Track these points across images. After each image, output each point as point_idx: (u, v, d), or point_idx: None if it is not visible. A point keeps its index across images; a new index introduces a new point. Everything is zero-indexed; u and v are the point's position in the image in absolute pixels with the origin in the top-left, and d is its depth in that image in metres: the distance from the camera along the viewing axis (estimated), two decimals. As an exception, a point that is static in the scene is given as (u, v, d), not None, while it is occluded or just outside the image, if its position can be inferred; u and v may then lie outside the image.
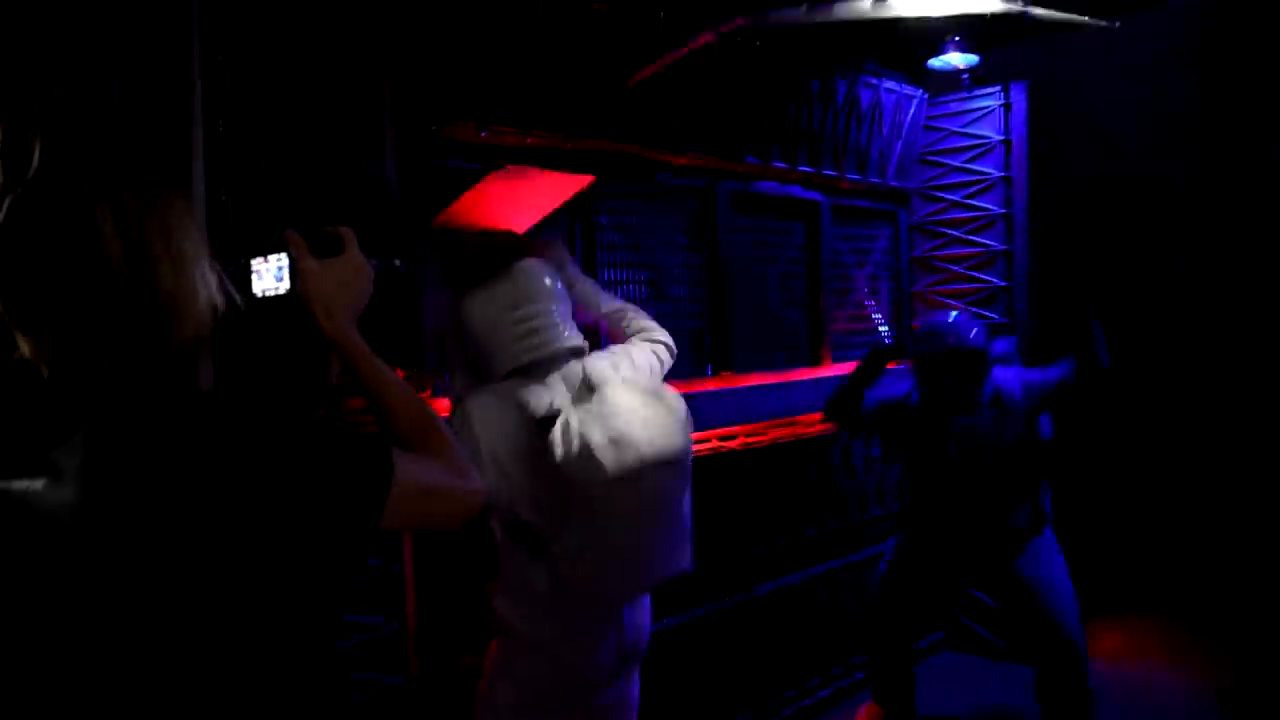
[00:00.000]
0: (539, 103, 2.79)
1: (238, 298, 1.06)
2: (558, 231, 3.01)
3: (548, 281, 2.18)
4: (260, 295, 1.22)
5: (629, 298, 3.22)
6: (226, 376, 1.78)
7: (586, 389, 2.04)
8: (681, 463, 2.02)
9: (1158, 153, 5.07)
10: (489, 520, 2.16)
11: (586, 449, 1.88)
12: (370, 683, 2.41)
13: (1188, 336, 5.05)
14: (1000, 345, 3.36)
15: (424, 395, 2.59)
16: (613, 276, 3.18)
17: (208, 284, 1.00)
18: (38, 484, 0.86)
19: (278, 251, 1.21)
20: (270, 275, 1.21)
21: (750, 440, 3.51)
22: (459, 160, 2.67)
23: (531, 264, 2.19)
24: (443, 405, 2.64)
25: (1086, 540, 3.42)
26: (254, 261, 1.23)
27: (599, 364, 2.13)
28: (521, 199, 2.46)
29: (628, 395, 1.98)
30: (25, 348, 0.90)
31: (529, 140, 2.79)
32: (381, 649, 2.44)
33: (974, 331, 3.07)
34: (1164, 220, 5.14)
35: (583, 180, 2.54)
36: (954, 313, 3.24)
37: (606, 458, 1.87)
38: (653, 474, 1.93)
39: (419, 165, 2.59)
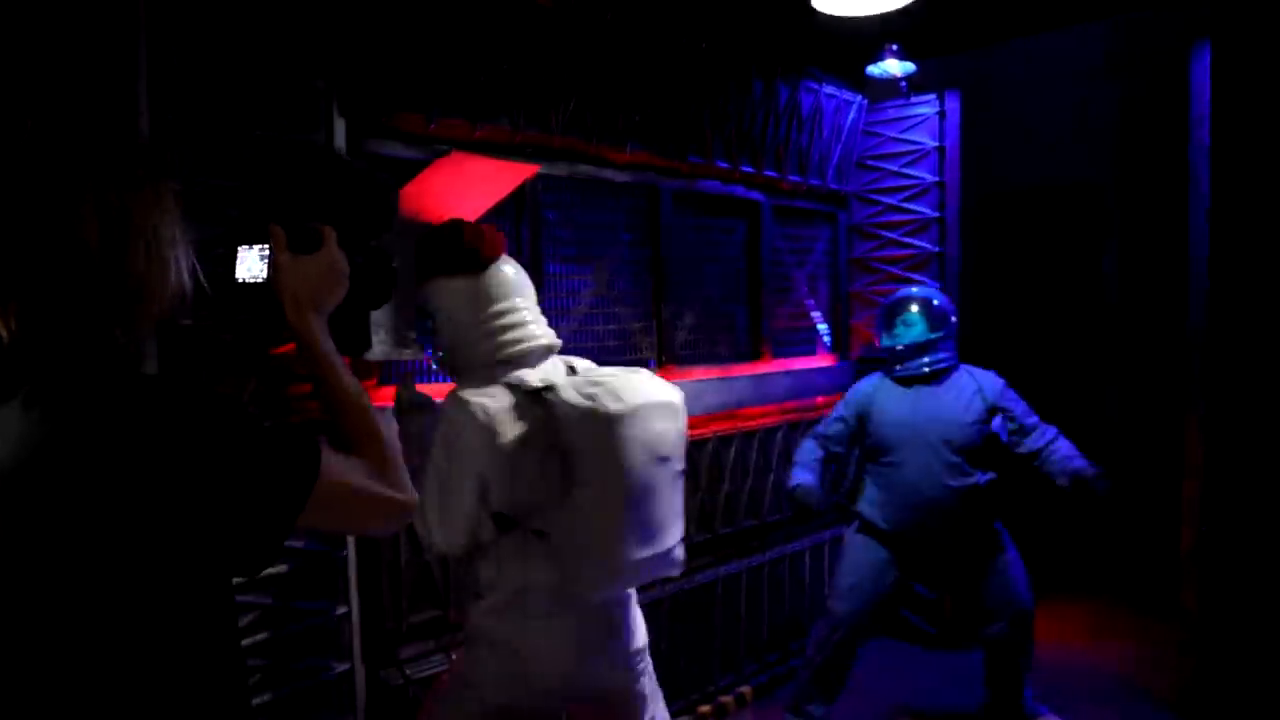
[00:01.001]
0: (487, 96, 2.84)
1: (206, 286, 1.10)
2: (505, 224, 3.06)
3: (521, 276, 2.17)
4: (241, 281, 1.29)
5: (575, 291, 3.29)
6: (171, 355, 1.81)
7: (572, 370, 2.11)
8: (677, 442, 2.02)
9: (1082, 159, 5.32)
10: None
11: (589, 402, 1.89)
12: (314, 669, 2.43)
13: (1113, 326, 5.29)
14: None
15: (369, 382, 2.62)
16: (559, 270, 3.23)
17: (179, 270, 1.04)
18: None
19: (261, 242, 1.27)
20: (252, 263, 1.28)
21: (692, 433, 3.57)
22: (408, 150, 2.71)
23: (505, 260, 2.16)
24: (386, 394, 2.67)
25: (1015, 528, 3.55)
26: (240, 249, 1.29)
27: (579, 360, 2.19)
28: (469, 186, 2.50)
29: (617, 369, 2.03)
30: None
31: (477, 133, 2.83)
32: (326, 635, 2.46)
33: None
34: (1091, 222, 5.38)
35: (528, 169, 2.60)
36: None
37: (609, 405, 1.88)
38: (653, 419, 1.94)
39: (367, 154, 2.63)
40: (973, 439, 3.22)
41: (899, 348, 3.34)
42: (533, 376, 2.02)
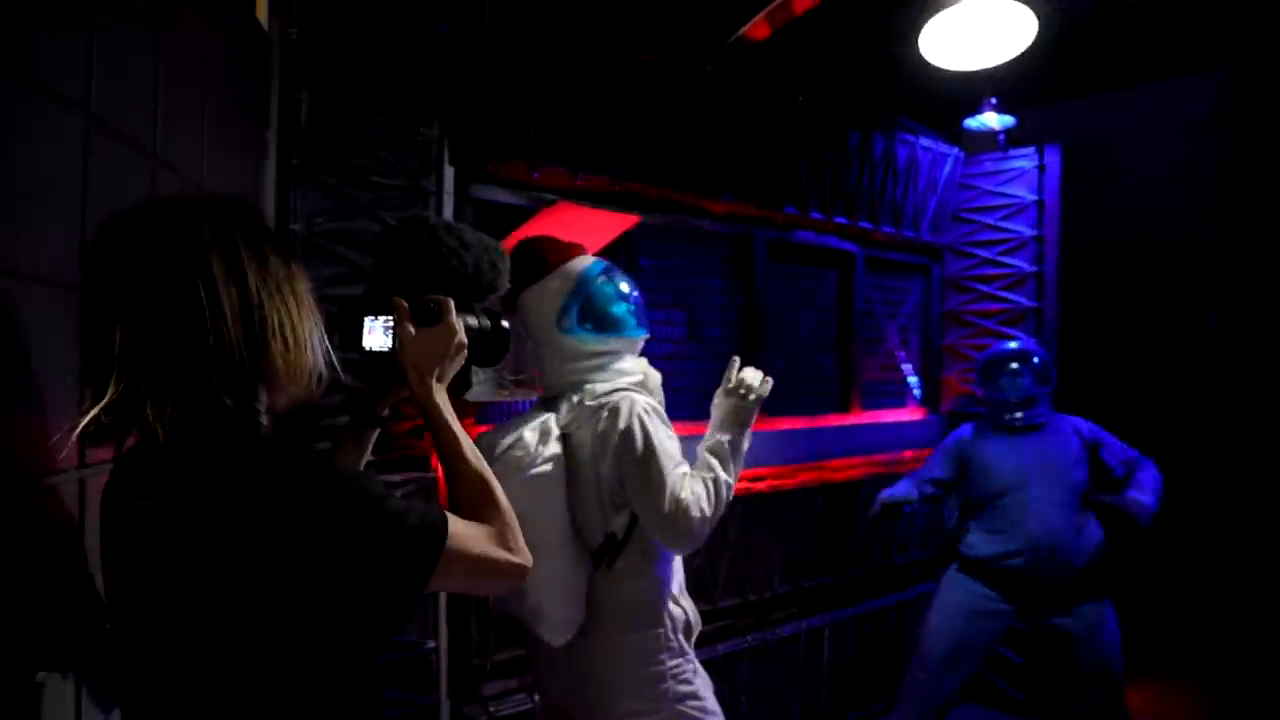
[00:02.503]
0: (588, 146, 2.92)
1: (340, 371, 1.17)
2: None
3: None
4: (369, 350, 1.39)
5: (666, 338, 3.33)
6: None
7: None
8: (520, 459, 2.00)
9: (1189, 215, 5.15)
10: None
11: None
12: (401, 702, 2.47)
13: (1223, 392, 5.07)
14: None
15: (467, 421, 2.69)
16: (652, 317, 3.27)
17: (315, 352, 1.11)
18: (145, 502, 0.99)
19: (386, 314, 1.37)
20: (379, 334, 1.38)
21: (778, 483, 3.57)
22: (511, 197, 2.80)
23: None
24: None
25: (1117, 599, 3.43)
26: (366, 319, 1.39)
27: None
28: (572, 235, 2.56)
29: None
30: (149, 412, 0.98)
31: (578, 182, 2.91)
32: (414, 669, 2.51)
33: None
34: (1195, 279, 5.19)
35: (629, 219, 2.65)
36: None
37: None
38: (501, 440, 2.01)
39: (473, 199, 2.73)
40: (1081, 477, 3.30)
41: (1012, 399, 3.43)
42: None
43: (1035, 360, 3.47)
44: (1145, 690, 4.22)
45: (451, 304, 1.38)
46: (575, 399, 2.02)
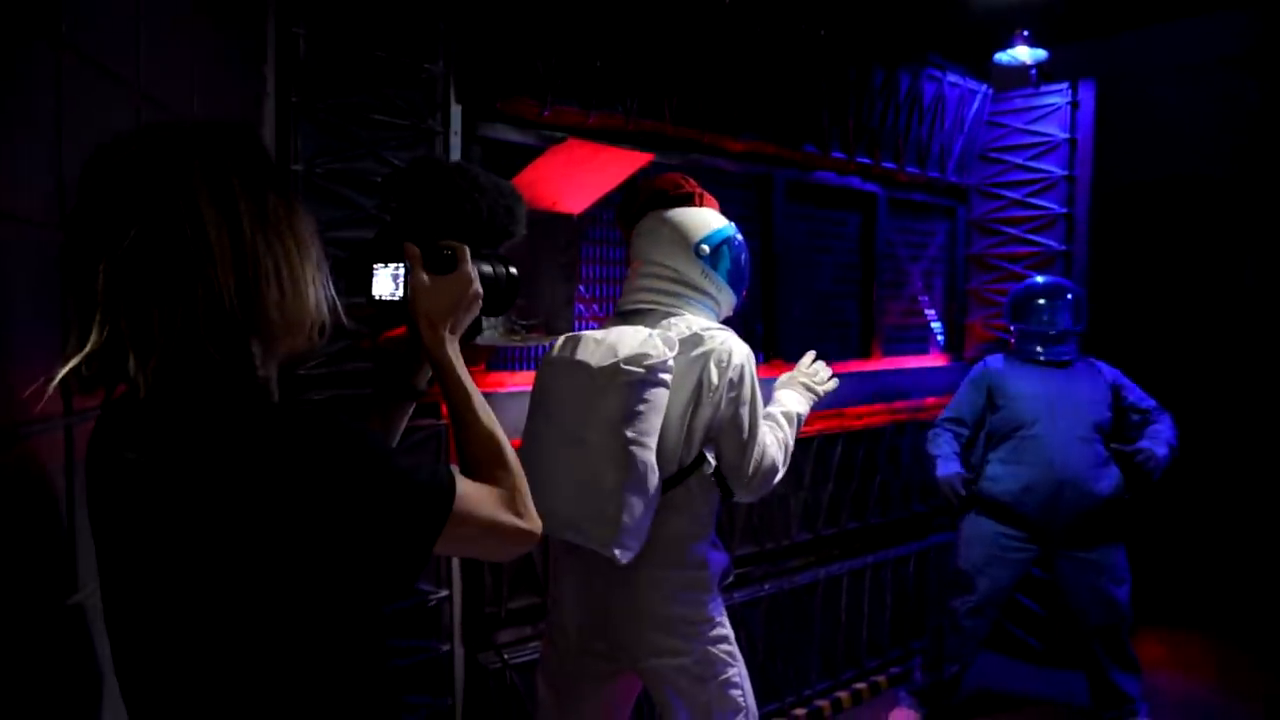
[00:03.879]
0: (601, 83, 2.81)
1: (344, 318, 1.10)
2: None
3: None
4: (378, 298, 1.30)
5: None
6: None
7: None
8: (571, 403, 1.97)
9: (1227, 156, 4.95)
10: None
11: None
12: (414, 649, 2.46)
13: (1253, 344, 4.93)
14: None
15: (477, 368, 2.63)
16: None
17: (319, 304, 1.04)
18: (131, 454, 0.94)
19: (397, 260, 1.27)
20: (387, 281, 1.29)
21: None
22: (520, 135, 2.70)
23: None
24: (493, 380, 2.68)
25: (1134, 549, 3.38)
26: (375, 266, 1.30)
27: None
28: (582, 174, 2.48)
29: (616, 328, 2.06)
30: (131, 364, 0.91)
31: (590, 120, 2.81)
32: (427, 617, 2.49)
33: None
34: (1231, 225, 5.01)
35: (642, 158, 2.55)
36: None
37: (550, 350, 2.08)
38: (556, 374, 2.01)
39: (481, 138, 2.63)
40: (1105, 416, 3.33)
41: (1051, 332, 3.42)
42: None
43: (1070, 296, 3.45)
44: (1157, 639, 4.18)
45: (467, 251, 1.28)
46: (671, 323, 2.02)
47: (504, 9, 2.56)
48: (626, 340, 1.87)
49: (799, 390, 2.26)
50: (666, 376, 1.86)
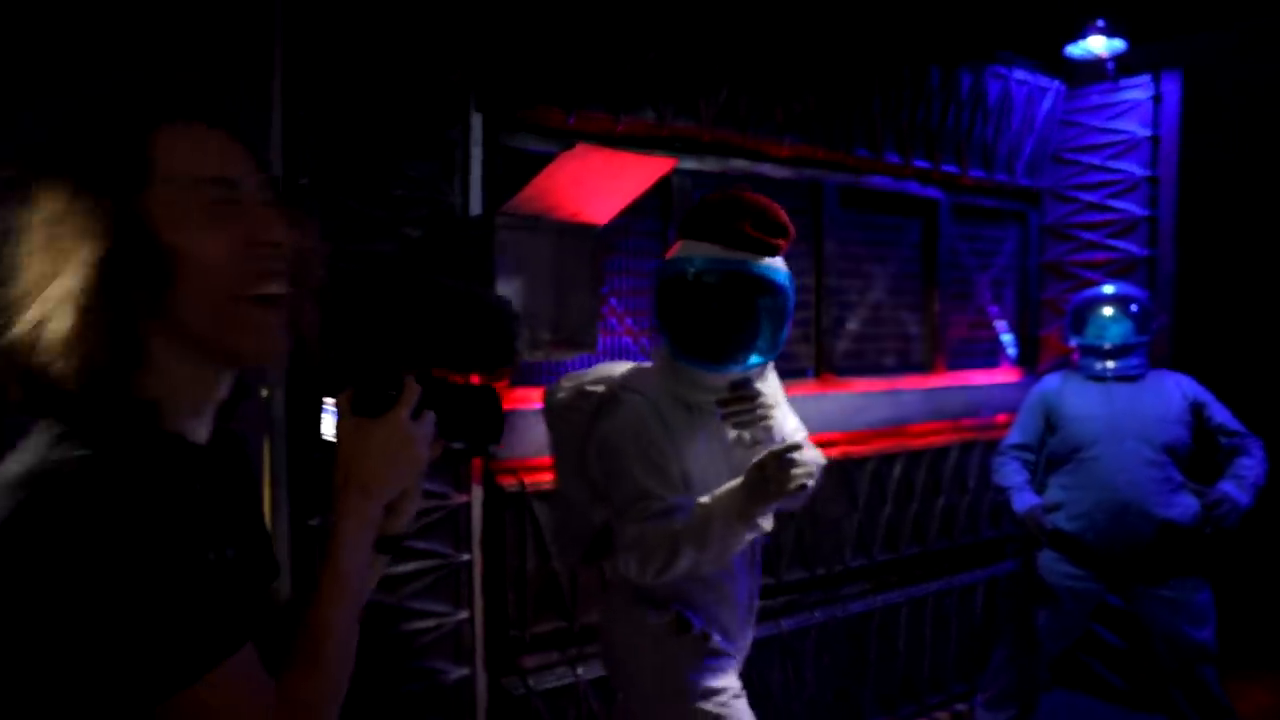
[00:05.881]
0: (631, 86, 2.71)
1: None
2: (650, 224, 2.93)
3: None
4: (326, 440, 1.07)
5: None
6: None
7: None
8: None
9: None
10: None
11: None
12: (433, 672, 2.38)
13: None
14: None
15: (502, 384, 2.54)
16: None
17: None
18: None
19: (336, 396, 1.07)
20: (329, 423, 1.08)
21: (851, 449, 3.32)
22: (546, 145, 2.62)
23: None
24: (518, 395, 2.59)
25: (1236, 586, 3.09)
26: (326, 400, 1.08)
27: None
28: (605, 182, 2.37)
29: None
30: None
31: (620, 127, 2.71)
32: (447, 640, 2.41)
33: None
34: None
35: (664, 164, 2.43)
36: None
37: None
38: None
39: (504, 148, 2.56)
40: (1180, 437, 3.04)
41: (1107, 346, 3.17)
42: None
43: (1133, 307, 3.20)
44: (1265, 686, 3.81)
45: (415, 393, 1.05)
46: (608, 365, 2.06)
47: (526, 13, 2.48)
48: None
49: (747, 488, 1.69)
50: (549, 417, 1.93)
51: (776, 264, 1.85)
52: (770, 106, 3.03)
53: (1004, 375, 3.99)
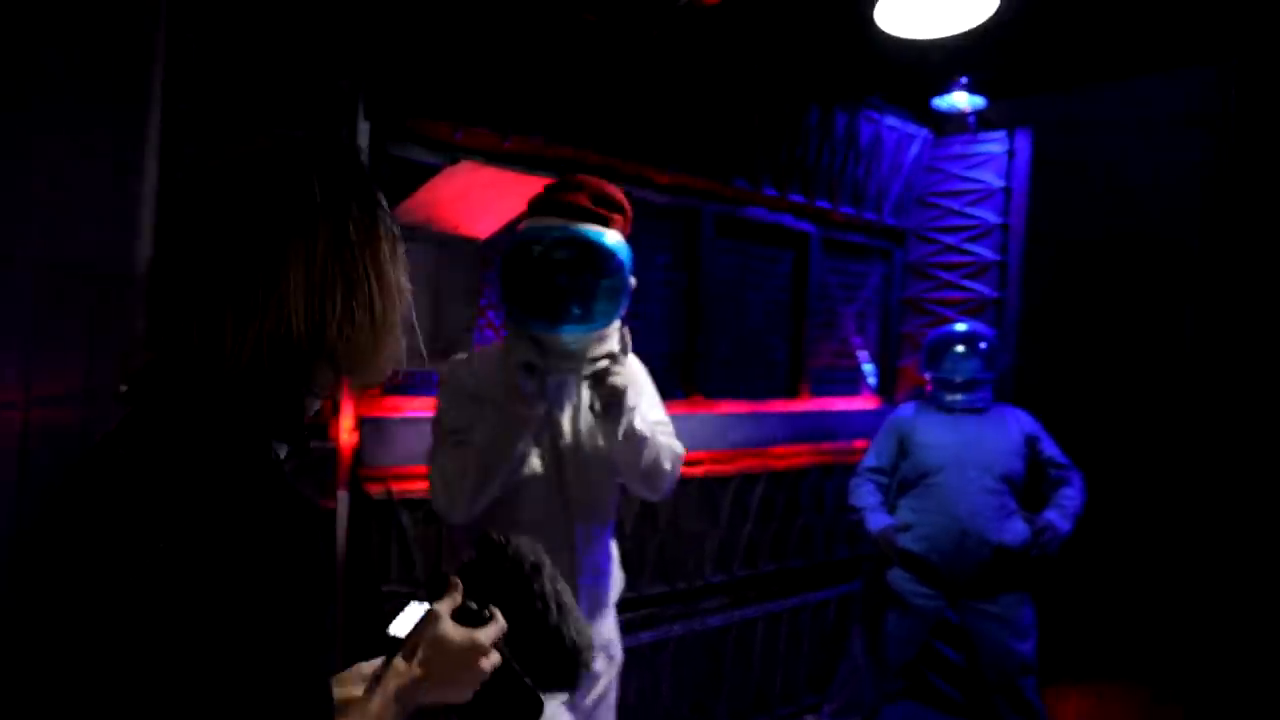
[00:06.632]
0: (520, 106, 2.75)
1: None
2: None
3: None
4: (389, 634, 1.06)
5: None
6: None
7: None
8: None
9: (1165, 214, 5.01)
10: None
11: None
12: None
13: (1190, 397, 4.95)
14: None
15: (374, 391, 2.54)
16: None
17: (390, 334, 0.96)
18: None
19: (438, 598, 1.08)
20: (409, 620, 1.07)
21: (715, 468, 3.44)
22: (432, 157, 2.64)
23: None
24: (393, 404, 2.59)
25: (1054, 605, 3.36)
26: (413, 602, 1.09)
27: None
28: (485, 198, 2.42)
29: None
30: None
31: (506, 145, 2.75)
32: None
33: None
34: (1172, 280, 5.06)
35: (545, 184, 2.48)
36: None
37: None
38: None
39: (390, 158, 2.56)
40: (1016, 468, 3.31)
41: (958, 380, 3.41)
42: None
43: (983, 344, 3.45)
44: (1082, 694, 4.14)
45: (500, 625, 1.08)
46: None
47: (419, 26, 2.50)
48: None
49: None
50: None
51: (611, 235, 2.01)
52: (654, 134, 3.13)
53: (864, 403, 4.21)
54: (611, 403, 1.96)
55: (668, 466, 2.09)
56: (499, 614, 1.08)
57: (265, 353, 0.86)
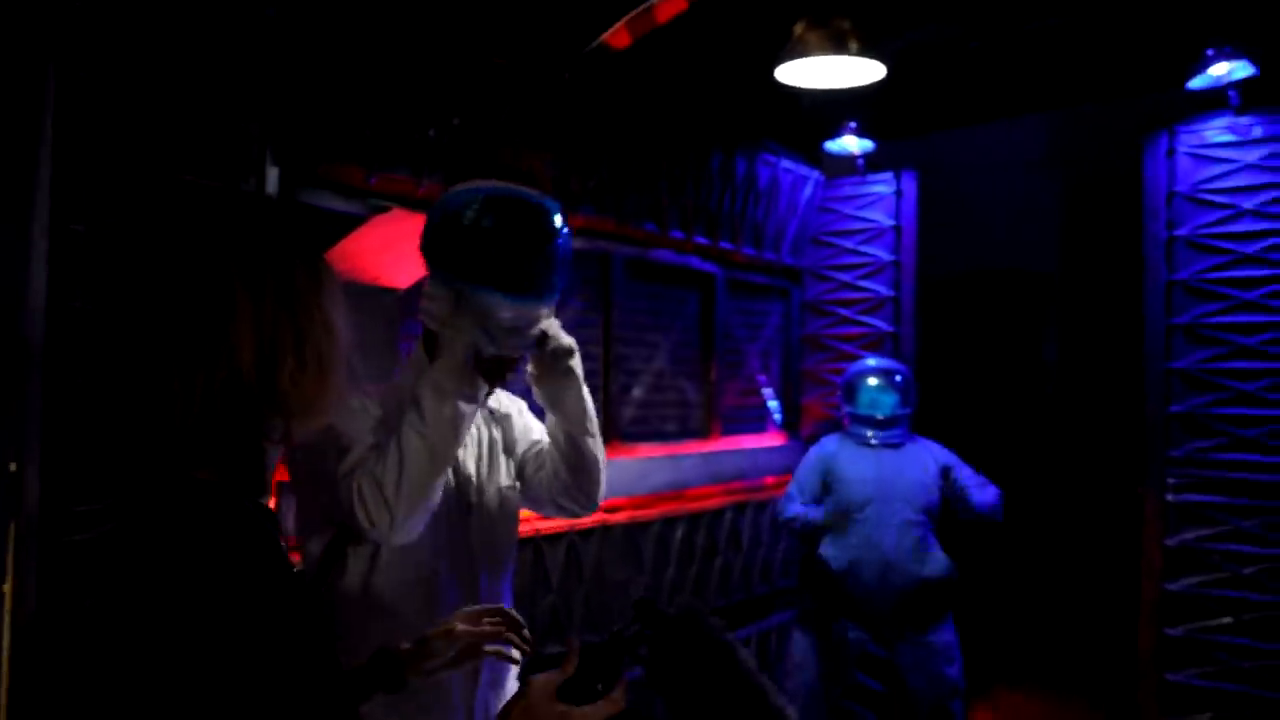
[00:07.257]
0: (433, 151, 2.68)
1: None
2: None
3: None
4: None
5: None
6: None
7: None
8: None
9: (1027, 247, 5.38)
10: None
11: None
12: None
13: (1057, 416, 5.27)
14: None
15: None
16: (502, 336, 3.06)
17: (338, 383, 0.97)
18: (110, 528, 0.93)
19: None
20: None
21: (637, 514, 3.40)
22: (345, 204, 2.53)
23: None
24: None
25: (967, 621, 3.47)
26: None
27: None
28: (403, 246, 2.32)
29: None
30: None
31: (420, 191, 2.67)
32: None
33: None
34: (1034, 309, 5.41)
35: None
36: None
37: None
38: None
39: (301, 204, 2.44)
40: (934, 500, 3.42)
41: (879, 416, 3.50)
42: None
43: (899, 379, 3.56)
44: (995, 705, 4.28)
45: (618, 708, 1.08)
46: None
47: (329, 70, 2.41)
48: None
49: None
50: None
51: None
52: (567, 178, 3.11)
53: (771, 439, 4.26)
54: (560, 353, 1.77)
55: (603, 462, 1.86)
56: (619, 695, 1.06)
57: (218, 405, 0.88)
